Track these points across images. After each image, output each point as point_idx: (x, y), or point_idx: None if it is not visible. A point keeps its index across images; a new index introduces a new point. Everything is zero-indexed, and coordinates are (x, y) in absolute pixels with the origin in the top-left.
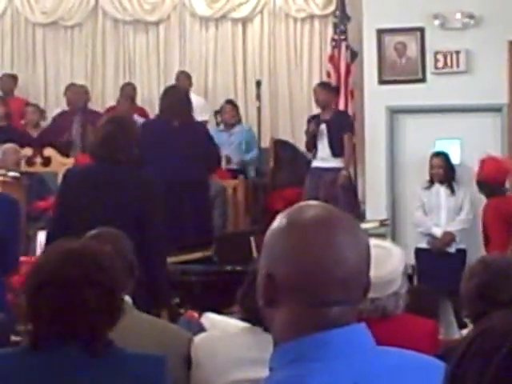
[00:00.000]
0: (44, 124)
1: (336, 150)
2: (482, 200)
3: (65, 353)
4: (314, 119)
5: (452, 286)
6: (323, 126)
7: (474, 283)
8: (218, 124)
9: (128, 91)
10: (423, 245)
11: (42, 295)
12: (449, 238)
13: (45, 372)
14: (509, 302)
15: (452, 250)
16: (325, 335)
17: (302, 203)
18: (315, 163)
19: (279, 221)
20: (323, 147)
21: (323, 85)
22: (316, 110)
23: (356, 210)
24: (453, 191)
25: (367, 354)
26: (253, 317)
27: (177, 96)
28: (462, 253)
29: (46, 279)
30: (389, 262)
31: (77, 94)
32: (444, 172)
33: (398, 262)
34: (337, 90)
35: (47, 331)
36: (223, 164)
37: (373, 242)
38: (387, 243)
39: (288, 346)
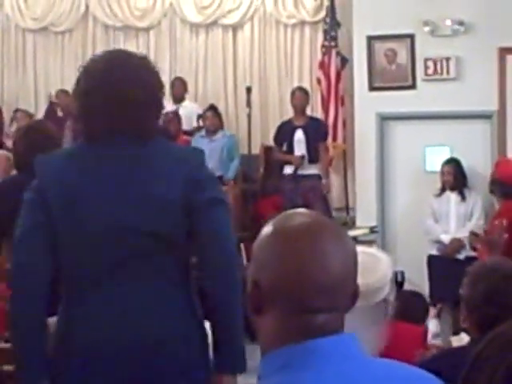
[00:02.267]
0: None
1: (313, 157)
2: (494, 207)
3: (118, 142)
4: (287, 126)
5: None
6: (300, 133)
7: (482, 289)
8: (199, 128)
9: None
10: (434, 252)
11: (96, 95)
12: (457, 244)
13: (102, 158)
14: None
15: (461, 256)
16: (312, 343)
17: (290, 211)
18: (290, 170)
19: (266, 229)
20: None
21: (303, 89)
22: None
23: (331, 217)
24: (463, 198)
25: (355, 363)
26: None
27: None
28: (471, 261)
29: (97, 81)
30: (377, 269)
31: (69, 102)
32: (454, 179)
33: (385, 268)
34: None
35: (101, 126)
36: None
37: (360, 249)
38: (374, 250)
39: (275, 353)
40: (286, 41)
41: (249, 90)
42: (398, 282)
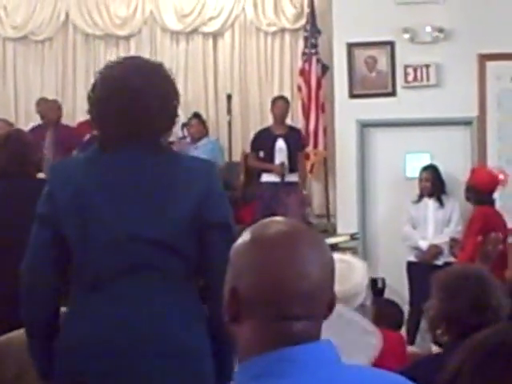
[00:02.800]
0: None
1: (293, 166)
2: (468, 211)
3: (131, 151)
4: (266, 134)
5: None
6: (281, 142)
7: (465, 299)
8: (184, 137)
9: None
10: (412, 258)
11: (111, 102)
12: (435, 250)
13: (115, 167)
14: (497, 306)
15: (439, 262)
16: (290, 351)
17: (267, 219)
18: (268, 177)
19: (243, 236)
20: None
21: (284, 98)
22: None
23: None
24: (441, 204)
25: (332, 370)
26: None
27: None
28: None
29: (113, 89)
30: (352, 275)
31: (50, 110)
32: (432, 185)
33: (361, 275)
34: None
35: (115, 134)
36: None
37: (335, 256)
38: (349, 257)
39: (252, 361)
40: (266, 48)
41: (229, 97)
42: (379, 288)
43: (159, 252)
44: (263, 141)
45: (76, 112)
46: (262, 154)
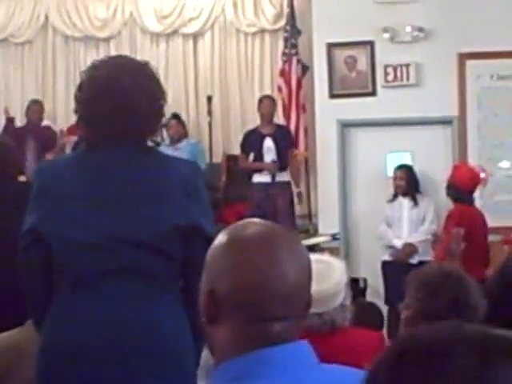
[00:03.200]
0: None
1: (283, 164)
2: (446, 210)
3: (119, 151)
4: (254, 134)
5: None
6: (269, 141)
7: (448, 297)
8: (163, 139)
9: None
10: (387, 257)
11: (99, 102)
12: (409, 249)
13: (102, 167)
14: (476, 305)
15: (414, 261)
16: (267, 352)
17: (243, 221)
18: (259, 178)
19: (220, 238)
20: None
21: (270, 97)
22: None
23: (294, 224)
24: (416, 203)
25: (310, 371)
26: None
27: None
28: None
29: (102, 89)
30: (331, 275)
31: (33, 112)
32: (406, 184)
33: (340, 274)
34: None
35: (103, 134)
36: None
37: (314, 256)
38: (328, 257)
39: (230, 363)
40: (246, 49)
41: (210, 98)
42: (360, 288)
43: (144, 254)
44: (252, 141)
45: (56, 114)
46: (251, 155)
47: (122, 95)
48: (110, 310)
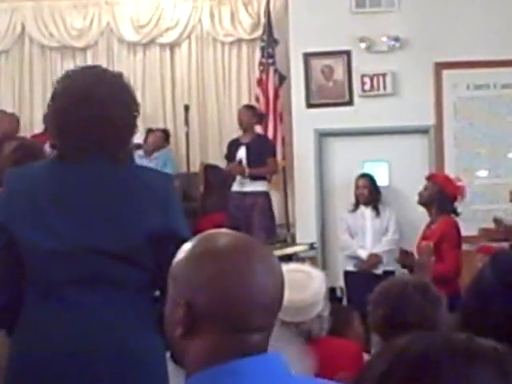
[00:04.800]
0: None
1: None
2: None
3: (91, 162)
4: (234, 143)
5: None
6: (243, 150)
7: (381, 313)
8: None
9: None
10: (350, 267)
11: (74, 112)
12: (374, 259)
13: (73, 177)
14: (418, 319)
15: (379, 271)
16: (241, 363)
17: (211, 232)
18: (235, 187)
19: (190, 250)
20: None
21: (248, 106)
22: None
23: (273, 234)
24: (378, 213)
25: (282, 381)
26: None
27: None
28: (390, 275)
29: (77, 99)
30: (310, 285)
31: (8, 123)
32: (369, 193)
33: (319, 284)
34: (260, 115)
35: (76, 145)
36: None
37: (293, 266)
38: (307, 267)
39: (204, 373)
40: (223, 59)
41: (187, 108)
42: (338, 297)
43: (115, 263)
44: (229, 150)
45: (33, 124)
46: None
47: (96, 105)
48: (78, 319)
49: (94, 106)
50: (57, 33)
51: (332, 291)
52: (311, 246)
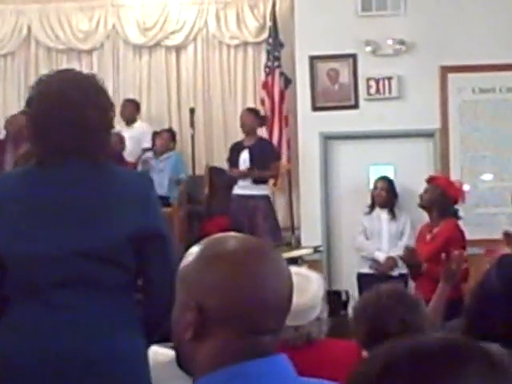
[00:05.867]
0: None
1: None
2: (414, 224)
3: (69, 165)
4: (237, 146)
5: None
6: (246, 153)
7: (363, 331)
8: (149, 149)
9: None
10: (365, 270)
11: (48, 117)
12: (392, 262)
13: (53, 181)
14: (399, 329)
15: (395, 273)
16: (253, 364)
17: (220, 235)
18: (237, 190)
19: (200, 253)
20: None
21: (251, 110)
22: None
23: (278, 237)
24: (394, 216)
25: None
26: None
27: None
28: (404, 277)
29: (52, 103)
30: (308, 288)
31: (16, 126)
32: (386, 194)
33: (317, 287)
34: (263, 118)
35: (53, 149)
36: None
37: (291, 269)
38: (305, 270)
39: (215, 375)
40: (229, 61)
41: (192, 111)
42: (343, 301)
43: (97, 265)
44: (232, 154)
45: None
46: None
47: (72, 109)
48: (61, 321)
49: (69, 109)
50: (63, 35)
51: (337, 295)
52: (316, 250)
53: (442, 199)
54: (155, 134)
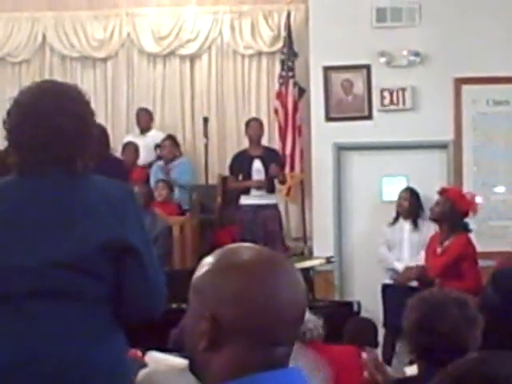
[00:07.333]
0: None
1: (271, 186)
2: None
3: (47, 176)
4: (243, 156)
5: None
6: (258, 162)
7: (413, 318)
8: (159, 158)
9: None
10: (388, 280)
11: (24, 128)
12: (409, 272)
13: (30, 193)
14: (448, 331)
15: (415, 284)
16: (267, 375)
17: (233, 245)
18: (247, 200)
19: (215, 263)
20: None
21: (257, 120)
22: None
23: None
24: (416, 226)
25: None
26: None
27: None
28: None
29: (24, 114)
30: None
31: None
32: (409, 205)
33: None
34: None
35: (30, 160)
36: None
37: None
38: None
39: None
40: (243, 71)
41: (206, 120)
42: (354, 311)
43: (72, 275)
44: (240, 163)
45: None
46: (240, 176)
47: (42, 117)
48: (32, 330)
49: (41, 117)
50: (77, 43)
51: (348, 305)
52: (329, 260)
53: (452, 213)
54: (157, 147)
